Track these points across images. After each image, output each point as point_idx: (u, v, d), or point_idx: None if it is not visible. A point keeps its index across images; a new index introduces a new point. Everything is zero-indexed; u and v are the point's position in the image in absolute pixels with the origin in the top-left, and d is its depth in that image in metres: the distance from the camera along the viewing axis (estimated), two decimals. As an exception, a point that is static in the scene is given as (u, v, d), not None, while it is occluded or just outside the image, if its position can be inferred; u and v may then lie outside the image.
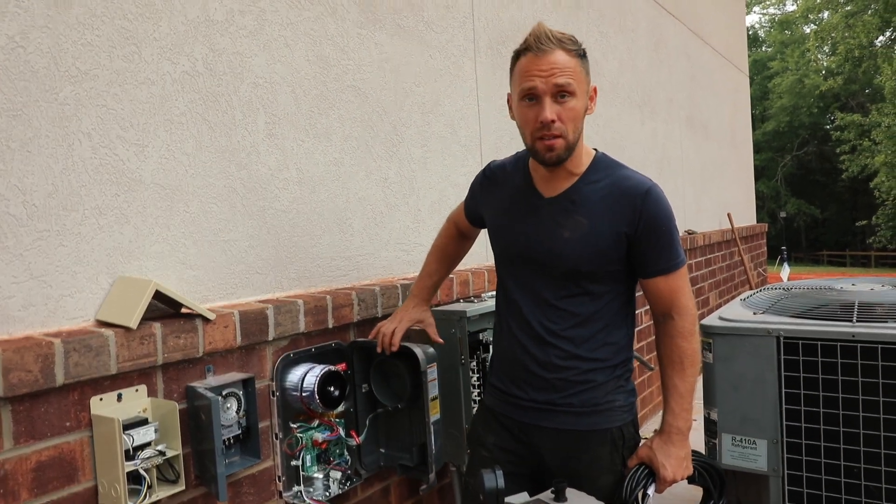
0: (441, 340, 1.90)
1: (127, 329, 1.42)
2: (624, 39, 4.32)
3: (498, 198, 1.71)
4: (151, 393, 1.48)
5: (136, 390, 1.45)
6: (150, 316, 1.49)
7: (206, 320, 1.57)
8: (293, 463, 1.76)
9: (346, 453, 1.88)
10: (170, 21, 1.63)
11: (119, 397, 1.42)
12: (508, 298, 1.68)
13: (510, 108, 1.59)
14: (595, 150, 1.64)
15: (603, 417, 1.59)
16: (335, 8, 2.11)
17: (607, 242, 1.53)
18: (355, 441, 1.88)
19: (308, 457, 1.78)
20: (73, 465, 1.36)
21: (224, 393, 1.57)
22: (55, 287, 1.41)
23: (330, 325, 1.90)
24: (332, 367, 1.77)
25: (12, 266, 1.35)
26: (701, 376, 2.26)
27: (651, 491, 1.58)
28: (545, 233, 1.57)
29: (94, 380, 1.38)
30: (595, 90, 1.55)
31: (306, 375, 1.75)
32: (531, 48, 1.48)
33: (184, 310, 1.57)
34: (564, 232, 1.55)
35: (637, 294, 1.68)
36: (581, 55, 1.49)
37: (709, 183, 6.08)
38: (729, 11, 7.23)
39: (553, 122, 1.47)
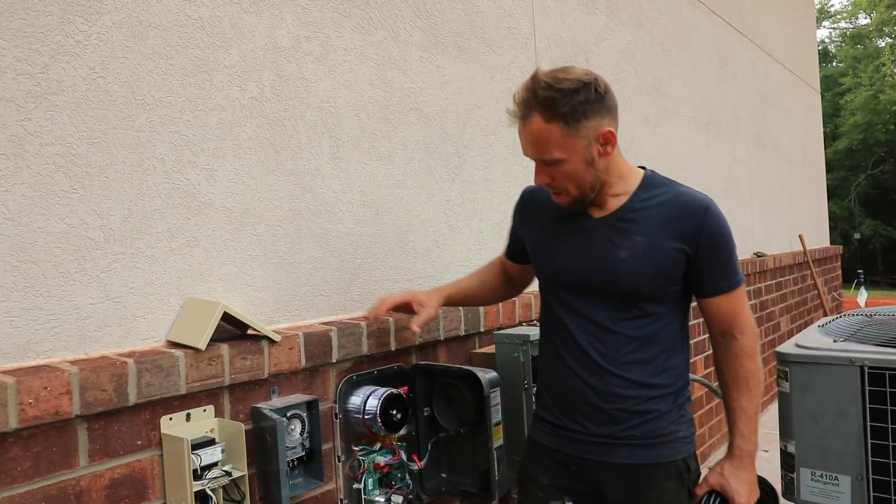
0: (416, 329, 1.71)
1: (196, 350, 1.44)
2: (688, 57, 4.24)
3: (540, 220, 1.66)
4: (218, 413, 1.50)
5: (204, 410, 1.48)
6: (217, 337, 1.52)
7: (271, 342, 1.59)
8: (355, 486, 1.76)
9: (407, 477, 1.86)
10: (239, 49, 1.68)
11: (188, 417, 1.45)
12: (559, 325, 1.61)
13: None
14: (644, 167, 1.59)
15: (667, 449, 1.53)
16: (398, 32, 2.14)
17: (668, 261, 1.48)
18: (417, 465, 1.86)
19: (370, 480, 1.77)
20: (143, 483, 1.38)
21: (289, 414, 1.58)
22: (129, 308, 1.46)
23: (392, 348, 1.90)
24: (395, 390, 1.76)
25: (90, 288, 1.40)
26: (776, 406, 2.16)
27: None
28: (599, 254, 1.52)
29: (165, 399, 1.41)
30: (606, 134, 1.44)
31: (368, 398, 1.74)
32: (514, 112, 1.45)
33: (250, 331, 1.59)
34: (620, 252, 1.50)
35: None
36: (566, 114, 1.38)
37: (779, 204, 5.87)
38: (798, 26, 7.03)
39: (547, 184, 1.48)
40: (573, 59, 3.02)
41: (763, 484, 1.64)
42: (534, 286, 1.95)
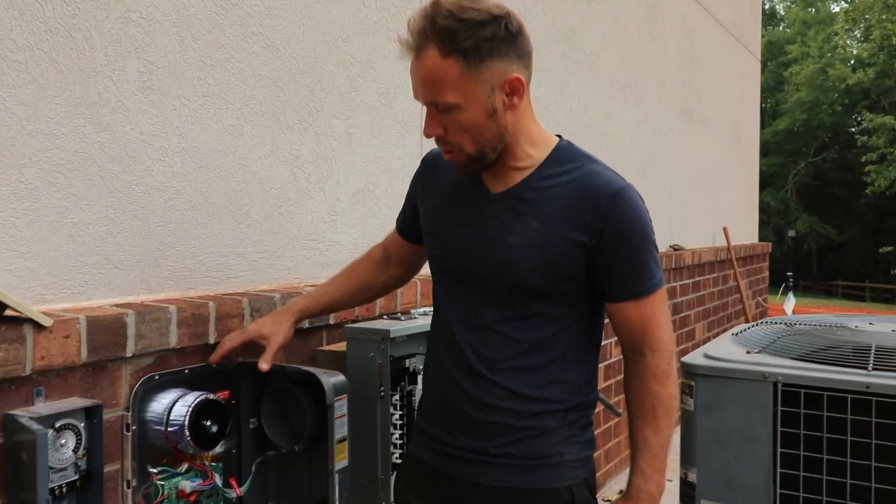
0: (265, 367, 1.75)
1: (-75, 333, 1.33)
2: (610, 3, 4.37)
3: (436, 191, 1.70)
4: (-46, 421, 1.39)
5: (-66, 417, 1.36)
6: (-41, 317, 1.41)
7: (38, 327, 1.50)
8: (149, 520, 1.69)
9: (221, 509, 1.82)
10: (13, -74, 1.55)
11: None
12: (439, 319, 1.66)
13: None
14: (559, 136, 1.63)
15: (549, 473, 1.57)
16: (241, -70, 2.06)
17: (561, 254, 1.51)
18: (236, 492, 1.82)
19: (170, 512, 1.71)
20: None
21: (58, 425, 1.49)
22: None
23: (212, 340, 1.86)
24: (211, 395, 1.72)
25: None
26: (678, 427, 2.27)
27: None
28: (488, 237, 1.55)
29: None
30: (513, 81, 1.46)
31: (175, 405, 1.69)
32: (405, 42, 1.46)
33: (8, 312, 1.49)
34: (511, 237, 1.53)
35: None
36: (467, 49, 1.40)
37: (703, 188, 6.22)
38: (740, -20, 7.43)
39: (439, 136, 1.50)
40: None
41: None
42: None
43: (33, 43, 1.60)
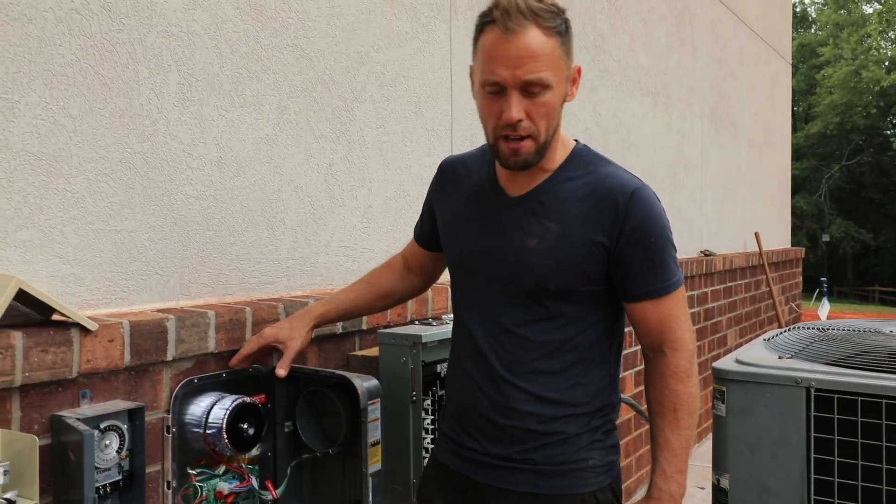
0: (282, 373, 1.78)
1: (-22, 337, 1.38)
2: (639, 9, 4.37)
3: (454, 198, 1.72)
4: (3, 423, 1.44)
5: (-14, 418, 1.41)
6: (8, 322, 1.46)
7: (84, 331, 1.54)
8: (189, 520, 1.73)
9: (258, 510, 1.85)
10: (60, -55, 1.61)
11: (-39, 426, 1.38)
12: (461, 324, 1.68)
13: (472, 83, 1.57)
14: (576, 141, 1.65)
15: (572, 479, 1.58)
16: (277, -56, 2.11)
17: (581, 255, 1.53)
18: (272, 494, 1.85)
19: (209, 513, 1.75)
20: None
21: (103, 426, 1.53)
22: None
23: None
24: (248, 399, 1.75)
25: None
26: (711, 433, 2.27)
27: None
28: (506, 240, 1.58)
29: (-69, 401, 1.34)
30: (578, 71, 1.55)
31: (213, 408, 1.72)
32: (498, 22, 1.43)
33: (55, 316, 1.54)
34: (530, 240, 1.55)
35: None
36: (562, 31, 1.46)
37: (734, 194, 6.18)
38: (770, -16, 7.38)
39: (520, 121, 1.46)
40: None
41: None
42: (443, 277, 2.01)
43: (80, 57, 1.65)
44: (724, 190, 5.91)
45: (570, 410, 1.58)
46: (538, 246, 1.54)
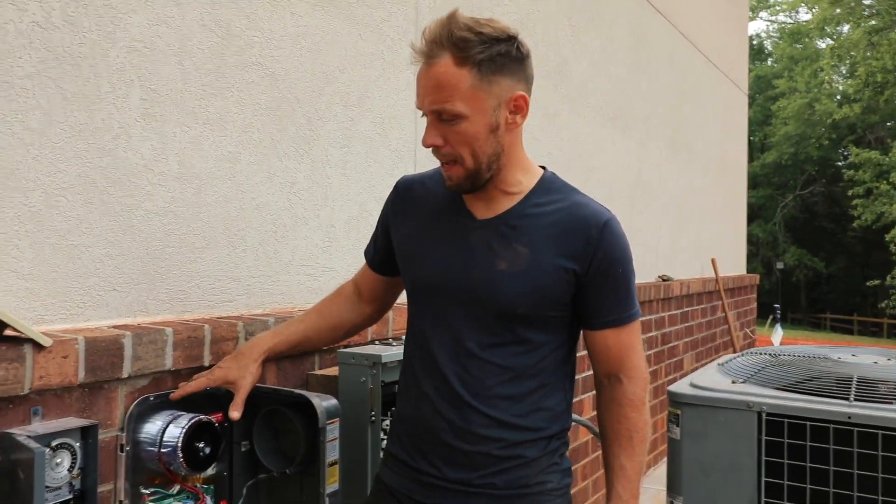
0: (236, 416, 1.72)
1: (-72, 352, 1.35)
2: (598, 35, 4.45)
3: (414, 218, 1.70)
4: (-47, 440, 1.41)
5: (-66, 435, 1.38)
6: (-39, 337, 1.43)
7: (38, 347, 1.52)
8: (141, 541, 1.70)
9: (212, 531, 1.83)
10: (24, -42, 1.60)
11: None
12: (420, 346, 1.65)
13: None
14: (543, 168, 1.67)
15: (531, 502, 1.59)
16: (244, -36, 2.11)
17: (552, 281, 1.55)
18: (226, 515, 1.83)
19: (161, 533, 1.72)
20: None
21: (54, 444, 1.50)
22: None
23: (206, 363, 1.88)
24: (205, 417, 1.73)
25: None
26: (665, 457, 2.30)
27: None
28: (475, 262, 1.57)
29: None
30: (520, 99, 1.52)
31: (169, 426, 1.70)
32: (420, 51, 1.50)
33: (8, 332, 1.51)
34: (500, 263, 1.55)
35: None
36: (481, 61, 1.45)
37: (691, 220, 6.28)
38: (729, 14, 7.56)
39: (438, 147, 1.51)
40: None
41: None
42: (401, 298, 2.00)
43: (41, 70, 1.64)
44: (682, 215, 6.00)
45: (531, 435, 1.58)
46: (509, 269, 1.54)
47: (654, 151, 5.37)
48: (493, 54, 1.46)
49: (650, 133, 5.28)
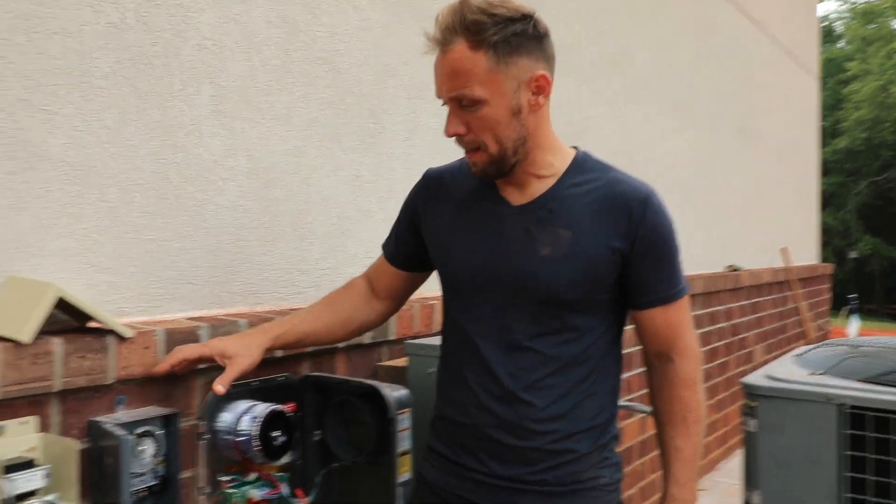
0: (220, 390, 1.60)
1: (17, 344, 1.42)
2: (662, 24, 4.39)
3: (446, 208, 1.66)
4: (44, 427, 1.47)
5: (23, 423, 1.44)
6: (47, 329, 1.49)
7: (120, 338, 1.57)
8: (220, 527, 1.75)
9: (287, 518, 1.86)
10: (98, -40, 1.65)
11: (1, 430, 1.41)
12: (462, 339, 1.59)
13: None
14: (576, 148, 1.62)
15: (584, 499, 1.55)
16: (307, -41, 2.15)
17: (598, 262, 1.50)
18: (301, 502, 1.86)
19: (240, 520, 1.77)
20: (-65, 513, 1.34)
21: (138, 431, 1.55)
22: (-71, 285, 1.41)
23: (278, 354, 1.90)
24: (279, 407, 1.76)
25: None
26: (741, 449, 2.27)
27: None
28: (515, 250, 1.52)
29: (-30, 406, 1.38)
30: (541, 78, 1.47)
31: (244, 416, 1.73)
32: (435, 39, 1.46)
33: (92, 324, 1.57)
34: (542, 248, 1.51)
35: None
36: (496, 42, 1.41)
37: (761, 208, 6.14)
38: (796, -3, 7.36)
39: (461, 135, 1.48)
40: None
41: None
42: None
43: (116, 70, 1.70)
44: (751, 204, 5.88)
45: (583, 425, 1.55)
46: (552, 254, 1.50)
47: (721, 139, 5.27)
48: (509, 35, 1.42)
49: (716, 120, 5.19)
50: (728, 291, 5.01)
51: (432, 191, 1.70)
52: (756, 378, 2.34)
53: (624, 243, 1.50)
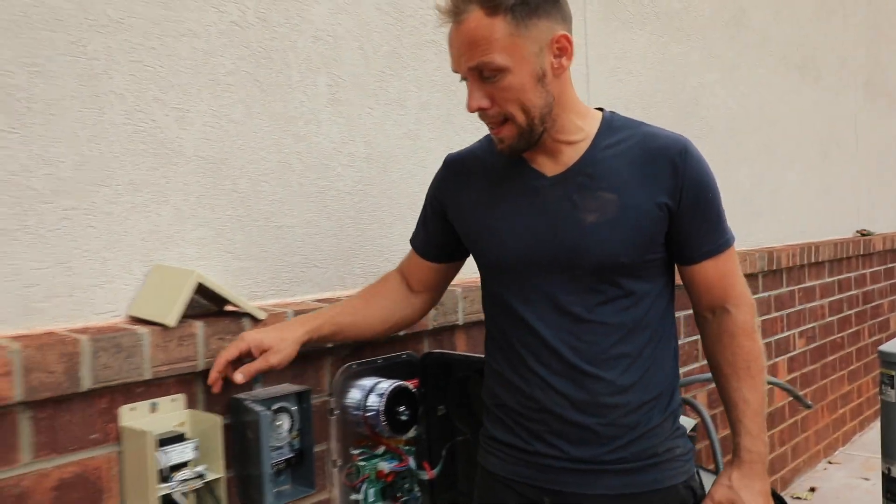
0: (239, 378, 1.51)
1: (164, 327, 1.49)
2: (781, -20, 4.19)
3: (475, 194, 1.57)
4: (191, 404, 1.56)
5: (173, 400, 1.53)
6: (189, 313, 1.56)
7: (255, 320, 1.64)
8: (353, 497, 1.81)
9: (416, 489, 1.91)
10: (218, -37, 1.72)
11: (153, 407, 1.50)
12: (514, 321, 1.52)
13: None
14: (601, 109, 1.55)
15: (664, 472, 1.50)
16: (413, -55, 2.17)
17: (648, 220, 1.44)
18: (428, 475, 1.90)
19: (371, 490, 1.82)
20: (98, 484, 1.44)
21: (275, 407, 1.62)
22: (82, 275, 1.51)
23: (401, 333, 1.93)
24: (403, 383, 1.80)
25: (34, 249, 1.45)
26: (878, 423, 2.17)
27: None
28: (560, 222, 1.45)
29: (125, 385, 1.47)
30: (563, 39, 1.40)
31: (371, 392, 1.78)
32: (448, 12, 1.37)
33: (228, 307, 1.65)
34: (588, 216, 1.44)
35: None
36: (513, 6, 1.33)
37: (893, 169, 5.79)
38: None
39: (485, 108, 1.39)
40: (633, -18, 3.02)
41: (776, 498, 1.65)
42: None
43: (240, 66, 1.76)
44: (884, 165, 5.55)
45: (651, 395, 1.49)
46: (600, 220, 1.43)
47: (849, 98, 4.99)
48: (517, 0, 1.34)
49: (843, 79, 4.91)
50: (859, 257, 4.77)
51: (457, 177, 1.63)
52: (893, 346, 2.23)
53: (671, 198, 1.44)
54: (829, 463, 4.28)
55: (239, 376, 1.51)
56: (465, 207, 1.59)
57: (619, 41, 2.96)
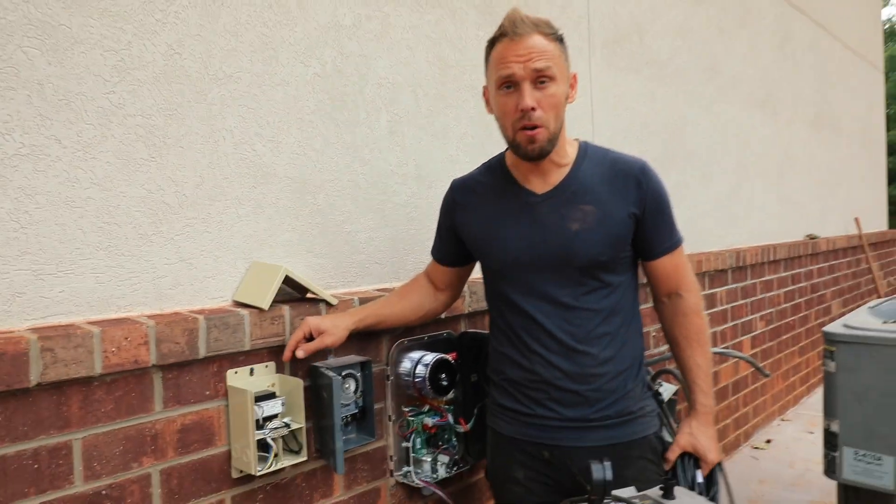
0: (301, 354, 1.51)
1: (260, 310, 1.51)
2: (746, 36, 4.10)
3: (478, 208, 1.56)
4: (279, 369, 1.57)
5: (266, 366, 1.55)
6: (279, 299, 1.58)
7: (329, 305, 1.65)
8: (404, 444, 1.82)
9: (454, 439, 1.91)
10: (304, 27, 1.72)
11: (251, 371, 1.52)
12: (518, 313, 1.51)
13: (486, 102, 1.49)
14: (577, 139, 1.54)
15: (638, 425, 1.51)
16: (454, 10, 2.15)
17: (621, 226, 1.45)
18: (463, 428, 1.90)
19: (418, 440, 1.83)
20: (211, 430, 1.47)
21: (344, 374, 1.63)
22: (200, 269, 1.53)
23: (442, 316, 1.92)
24: (444, 356, 1.80)
25: (165, 249, 1.48)
26: (820, 387, 2.12)
27: (699, 478, 1.50)
28: (551, 231, 1.45)
29: (231, 354, 1.49)
30: (575, 78, 1.44)
31: (419, 362, 1.79)
32: (507, 33, 1.37)
33: (309, 294, 1.66)
34: (573, 224, 1.44)
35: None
36: (559, 39, 1.40)
37: (836, 185, 5.66)
38: (862, 4, 6.69)
39: (533, 109, 1.36)
40: (628, 38, 2.97)
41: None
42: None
43: (320, 107, 1.77)
44: (828, 182, 5.42)
45: (625, 365, 1.50)
46: (582, 227, 1.44)
47: (801, 129, 4.88)
48: (561, 36, 1.41)
49: (797, 113, 4.80)
50: (808, 256, 4.66)
51: (462, 198, 1.60)
52: (835, 327, 2.18)
53: (637, 207, 1.46)
54: (783, 420, 4.20)
55: (300, 352, 1.51)
56: (472, 222, 1.57)
57: (618, 83, 2.92)
